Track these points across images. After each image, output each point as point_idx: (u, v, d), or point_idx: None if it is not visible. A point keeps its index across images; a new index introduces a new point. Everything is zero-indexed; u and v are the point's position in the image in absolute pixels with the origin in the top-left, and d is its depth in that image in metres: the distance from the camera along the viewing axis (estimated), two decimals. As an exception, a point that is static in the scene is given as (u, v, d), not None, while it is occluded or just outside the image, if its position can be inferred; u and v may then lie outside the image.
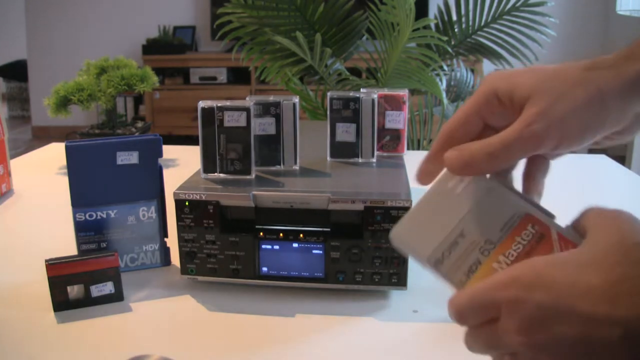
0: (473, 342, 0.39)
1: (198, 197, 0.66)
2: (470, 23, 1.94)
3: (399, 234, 0.43)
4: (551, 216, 0.41)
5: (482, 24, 1.93)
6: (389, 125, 0.87)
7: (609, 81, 0.39)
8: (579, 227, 0.39)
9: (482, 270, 0.40)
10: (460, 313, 0.38)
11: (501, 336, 0.35)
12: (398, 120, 0.86)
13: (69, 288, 0.64)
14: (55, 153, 1.39)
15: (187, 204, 0.67)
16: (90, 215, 0.72)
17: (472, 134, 0.45)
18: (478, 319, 0.37)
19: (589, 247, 0.35)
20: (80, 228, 0.72)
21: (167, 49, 4.50)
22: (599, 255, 0.34)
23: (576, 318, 0.32)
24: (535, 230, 0.40)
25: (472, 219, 0.41)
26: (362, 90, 0.82)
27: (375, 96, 0.79)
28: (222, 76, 4.49)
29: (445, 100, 1.75)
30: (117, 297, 0.67)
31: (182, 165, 1.27)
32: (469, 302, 0.37)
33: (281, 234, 0.67)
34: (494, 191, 0.42)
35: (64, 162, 0.88)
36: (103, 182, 0.71)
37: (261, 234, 0.67)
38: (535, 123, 0.38)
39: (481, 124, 0.45)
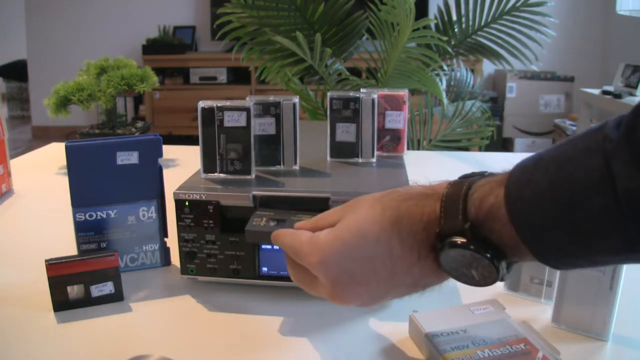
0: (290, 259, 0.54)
1: (198, 197, 0.66)
2: (470, 23, 1.94)
3: None
4: None
5: (482, 24, 1.93)
6: (389, 125, 0.87)
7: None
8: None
9: None
10: (276, 242, 0.55)
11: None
12: (398, 120, 0.86)
13: (69, 288, 0.64)
14: (55, 153, 1.39)
15: (187, 204, 0.67)
16: (90, 215, 0.72)
17: None
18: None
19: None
20: (80, 228, 0.72)
21: (167, 49, 4.50)
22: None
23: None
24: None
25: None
26: (362, 90, 0.82)
27: (375, 96, 0.79)
28: (222, 76, 4.49)
29: (445, 100, 1.75)
30: (117, 297, 0.67)
31: (182, 165, 1.27)
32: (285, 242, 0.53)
33: (281, 234, 0.66)
34: None
35: (64, 162, 0.88)
36: (103, 182, 0.71)
37: (261, 234, 0.67)
38: None
39: None
